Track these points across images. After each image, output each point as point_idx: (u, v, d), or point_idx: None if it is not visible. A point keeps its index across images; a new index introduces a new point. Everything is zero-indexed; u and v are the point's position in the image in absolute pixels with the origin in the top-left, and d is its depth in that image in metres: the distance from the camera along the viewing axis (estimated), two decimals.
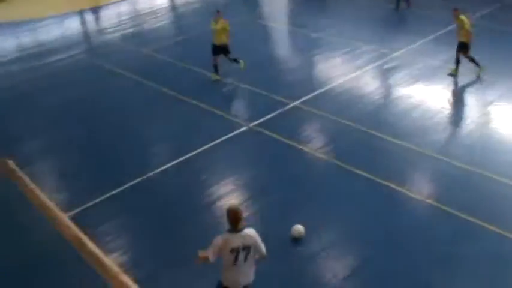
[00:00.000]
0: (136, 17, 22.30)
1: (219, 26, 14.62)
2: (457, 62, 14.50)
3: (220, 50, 14.87)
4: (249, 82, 14.80)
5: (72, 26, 22.42)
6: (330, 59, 16.39)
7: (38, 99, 15.10)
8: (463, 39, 14.16)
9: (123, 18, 22.13)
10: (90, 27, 22.40)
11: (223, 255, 6.26)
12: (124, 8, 23.66)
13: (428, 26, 18.45)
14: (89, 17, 23.78)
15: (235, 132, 12.23)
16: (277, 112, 13.04)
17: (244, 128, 12.41)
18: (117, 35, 20.15)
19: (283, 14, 22.05)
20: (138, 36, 19.74)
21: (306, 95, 13.84)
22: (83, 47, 19.33)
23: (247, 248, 6.27)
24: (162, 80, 15.18)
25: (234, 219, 6.23)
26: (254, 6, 22.83)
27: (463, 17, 14.16)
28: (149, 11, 23.17)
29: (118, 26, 21.19)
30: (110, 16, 22.84)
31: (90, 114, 13.87)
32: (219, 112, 13.22)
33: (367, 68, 15.46)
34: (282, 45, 18.82)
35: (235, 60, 15.13)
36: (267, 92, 14.10)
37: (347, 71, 15.42)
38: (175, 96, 14.26)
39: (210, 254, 6.18)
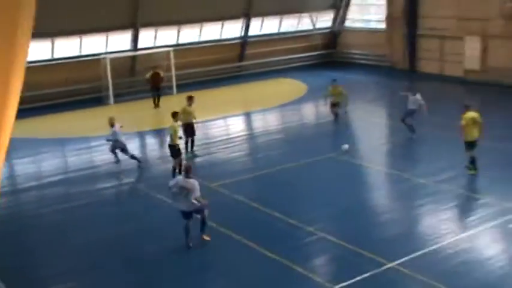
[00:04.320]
0: (207, 144, 22.58)
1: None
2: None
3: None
4: (335, 233, 14.28)
5: (131, 147, 22.92)
6: (436, 211, 15.62)
7: (76, 232, 15.26)
8: None
9: None
10: (153, 152, 22.88)
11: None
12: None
13: None
14: (153, 140, 24.44)
15: None
16: (369, 274, 12.30)
17: None
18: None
19: (381, 153, 21.68)
20: (206, 168, 19.81)
21: (406, 255, 13.04)
22: (140, 175, 19.65)
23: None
24: (225, 221, 14.86)
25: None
26: (344, 141, 22.65)
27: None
28: (223, 138, 23.51)
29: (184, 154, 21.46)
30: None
31: (137, 256, 13.75)
32: (295, 267, 12.67)
33: (485, 225, 14.52)
34: (378, 191, 18.25)
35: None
36: (357, 248, 13.46)
37: (458, 228, 14.66)
38: (240, 242, 13.90)
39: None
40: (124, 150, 19.84)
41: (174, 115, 18.93)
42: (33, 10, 4.31)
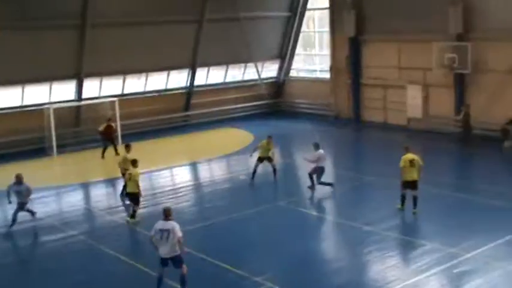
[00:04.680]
0: (153, 195, 22.40)
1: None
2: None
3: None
4: (284, 283, 14.22)
5: (75, 199, 22.69)
6: (384, 258, 15.78)
7: None
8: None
9: None
10: (98, 203, 22.47)
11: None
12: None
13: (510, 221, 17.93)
14: (99, 191, 24.10)
15: None
16: None
17: None
18: (126, 215, 20.16)
19: (327, 201, 21.88)
20: (152, 218, 19.61)
21: None
22: (85, 227, 19.42)
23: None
24: (172, 272, 14.61)
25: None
26: (291, 191, 22.82)
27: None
28: (169, 188, 23.39)
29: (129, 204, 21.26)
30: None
31: None
32: None
33: (432, 271, 14.72)
34: (326, 239, 18.41)
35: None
36: None
37: (406, 274, 14.73)
38: None
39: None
40: (25, 208, 18.82)
41: (134, 162, 19.23)
42: None
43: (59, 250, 17.49)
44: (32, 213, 19.03)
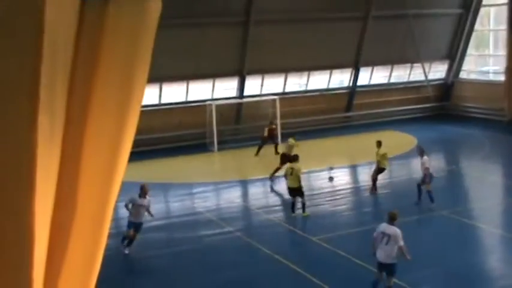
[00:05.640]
0: (311, 195, 22.72)
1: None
2: None
3: None
4: None
5: (233, 196, 23.61)
6: None
7: (180, 278, 15.77)
8: None
9: None
10: (255, 201, 23.23)
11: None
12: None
13: None
14: (256, 189, 24.88)
15: None
16: None
17: None
18: (283, 214, 20.69)
19: (496, 213, 21.05)
20: (309, 220, 19.98)
21: None
22: (241, 224, 20.16)
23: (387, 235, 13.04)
24: (326, 277, 14.84)
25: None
26: (455, 200, 22.21)
27: None
28: (327, 190, 23.58)
29: (286, 204, 21.71)
30: (282, 190, 23.54)
31: None
32: None
33: None
34: (491, 254, 17.67)
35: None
36: None
37: None
38: None
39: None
40: (139, 229, 17.30)
41: (296, 158, 20.48)
42: (148, 62, 5.03)
43: (216, 245, 18.29)
44: (131, 240, 17.23)
